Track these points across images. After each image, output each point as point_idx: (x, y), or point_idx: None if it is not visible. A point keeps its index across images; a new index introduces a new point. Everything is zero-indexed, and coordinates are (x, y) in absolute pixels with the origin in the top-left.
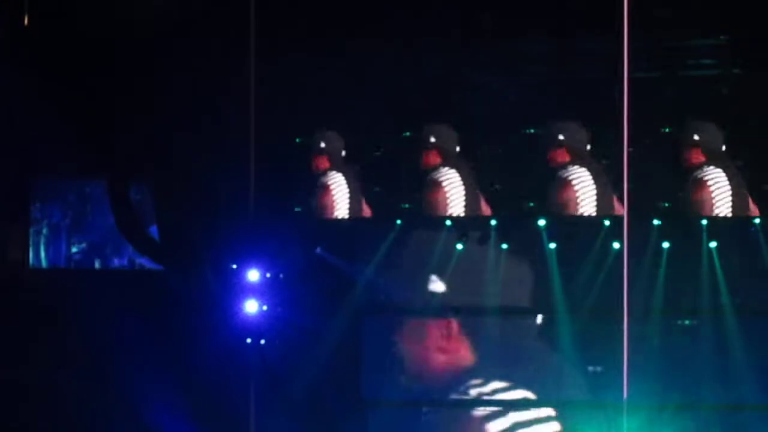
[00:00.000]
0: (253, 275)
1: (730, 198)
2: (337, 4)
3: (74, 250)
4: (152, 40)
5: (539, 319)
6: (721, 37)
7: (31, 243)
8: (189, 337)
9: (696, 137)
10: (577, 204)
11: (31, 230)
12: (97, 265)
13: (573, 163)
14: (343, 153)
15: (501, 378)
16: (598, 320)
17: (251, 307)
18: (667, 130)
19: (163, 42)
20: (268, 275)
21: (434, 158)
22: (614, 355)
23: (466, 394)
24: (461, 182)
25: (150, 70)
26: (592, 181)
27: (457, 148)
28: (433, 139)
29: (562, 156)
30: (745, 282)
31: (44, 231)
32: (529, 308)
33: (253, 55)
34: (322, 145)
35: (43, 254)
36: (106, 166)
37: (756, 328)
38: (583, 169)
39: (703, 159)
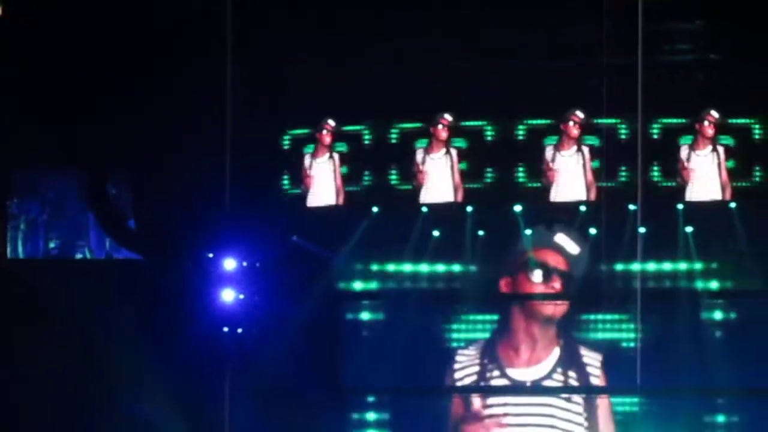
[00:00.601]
0: (230, 264)
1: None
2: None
3: (51, 245)
4: (128, 32)
5: None
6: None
7: (9, 238)
8: (166, 326)
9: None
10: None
11: (9, 225)
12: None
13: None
14: (329, 140)
15: None
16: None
17: (228, 295)
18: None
19: (138, 34)
20: (244, 264)
21: (446, 133)
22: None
23: None
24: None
25: (126, 61)
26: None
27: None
28: (447, 117)
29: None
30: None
31: (22, 226)
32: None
33: (229, 43)
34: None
35: (20, 249)
36: (82, 159)
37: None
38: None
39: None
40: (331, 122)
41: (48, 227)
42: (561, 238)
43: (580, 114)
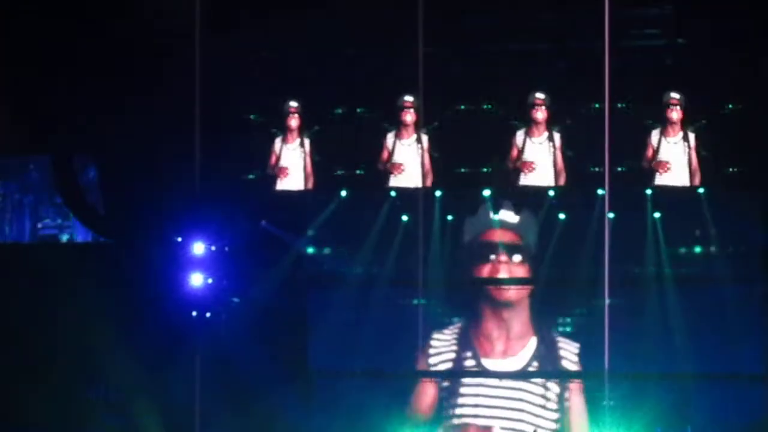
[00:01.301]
0: (198, 248)
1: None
2: None
3: (39, 226)
4: (98, 14)
5: None
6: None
7: None
8: (134, 309)
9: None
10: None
11: None
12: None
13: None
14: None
15: None
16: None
17: (196, 279)
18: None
19: (107, 21)
20: (213, 248)
21: (412, 117)
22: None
23: None
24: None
25: (96, 44)
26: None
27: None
28: (409, 98)
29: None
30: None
31: (7, 207)
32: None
33: (198, 27)
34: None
35: (7, 230)
36: (49, 141)
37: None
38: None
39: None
40: (294, 104)
41: (33, 209)
42: (503, 214)
43: (540, 96)
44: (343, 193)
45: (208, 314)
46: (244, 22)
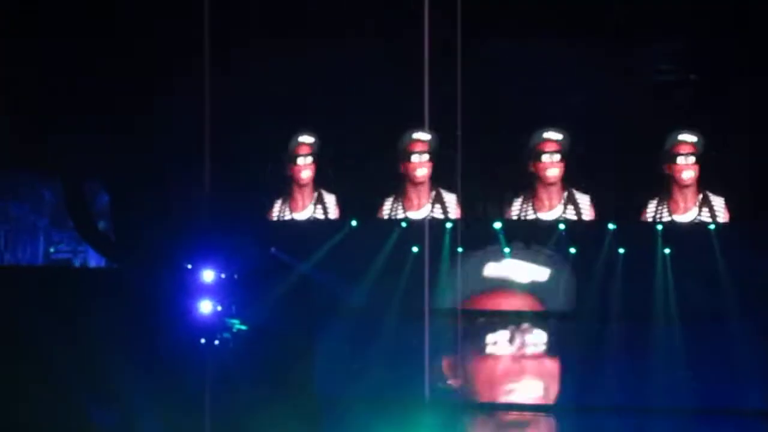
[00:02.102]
0: (208, 275)
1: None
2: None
3: (52, 250)
4: (111, 42)
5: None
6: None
7: (7, 242)
8: (144, 335)
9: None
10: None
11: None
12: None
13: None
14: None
15: None
16: None
17: (206, 307)
18: None
19: (118, 48)
20: (222, 275)
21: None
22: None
23: None
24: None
25: (107, 71)
26: None
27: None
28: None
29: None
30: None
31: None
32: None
33: (207, 56)
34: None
35: (20, 254)
36: (61, 166)
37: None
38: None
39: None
40: (308, 138)
41: (47, 233)
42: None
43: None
44: (354, 222)
45: (216, 341)
46: (254, 52)
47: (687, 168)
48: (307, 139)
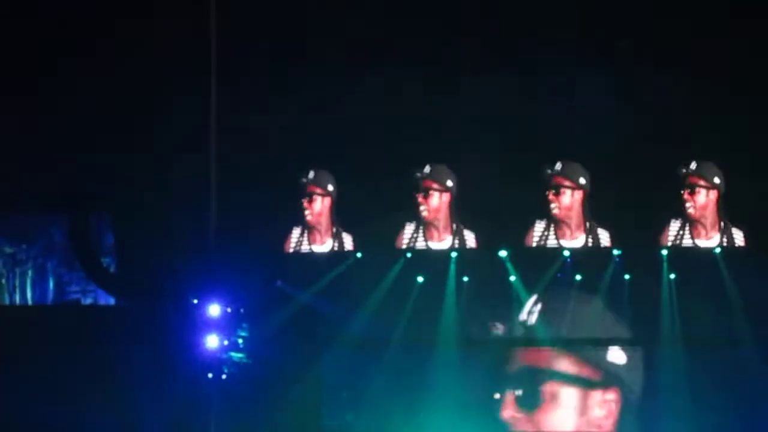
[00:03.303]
0: (214, 309)
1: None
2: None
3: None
4: (116, 76)
5: None
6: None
7: (17, 283)
8: (150, 371)
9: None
10: None
11: (17, 270)
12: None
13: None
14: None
15: None
16: None
17: (212, 341)
18: None
19: (123, 79)
20: (228, 309)
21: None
22: None
23: None
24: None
25: (114, 107)
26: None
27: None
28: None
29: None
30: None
31: (29, 272)
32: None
33: (214, 88)
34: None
35: (29, 294)
36: (66, 203)
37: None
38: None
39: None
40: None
41: (56, 273)
42: None
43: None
44: (359, 254)
45: (223, 375)
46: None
47: (698, 197)
48: (321, 175)
